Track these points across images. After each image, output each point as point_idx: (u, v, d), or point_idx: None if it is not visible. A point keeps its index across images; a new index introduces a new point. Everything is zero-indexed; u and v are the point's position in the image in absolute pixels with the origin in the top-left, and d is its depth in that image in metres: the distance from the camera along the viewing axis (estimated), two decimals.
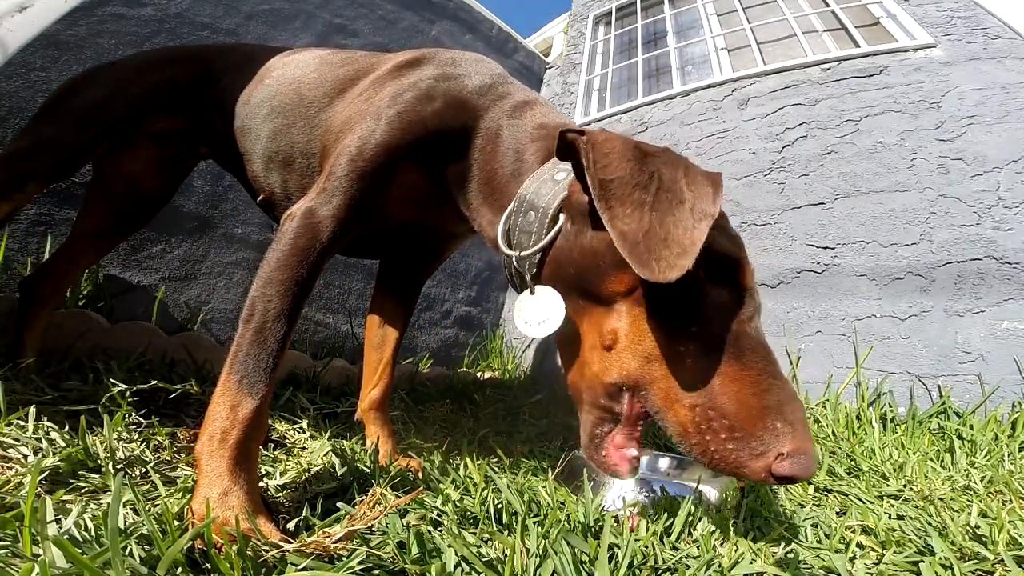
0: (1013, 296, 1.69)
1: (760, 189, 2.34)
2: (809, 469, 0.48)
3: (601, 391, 0.59)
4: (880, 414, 1.63)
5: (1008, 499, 0.93)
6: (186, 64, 1.14)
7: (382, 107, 0.82)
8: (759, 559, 0.64)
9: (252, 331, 0.65)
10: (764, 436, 0.49)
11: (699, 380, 0.52)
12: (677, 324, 0.54)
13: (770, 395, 0.51)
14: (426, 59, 0.93)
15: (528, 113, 0.83)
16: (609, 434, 0.59)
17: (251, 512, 0.55)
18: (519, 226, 0.70)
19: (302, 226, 0.72)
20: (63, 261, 1.20)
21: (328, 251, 0.73)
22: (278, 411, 1.16)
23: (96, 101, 1.04)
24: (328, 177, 0.77)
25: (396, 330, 1.14)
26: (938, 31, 2.37)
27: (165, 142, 1.18)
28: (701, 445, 0.51)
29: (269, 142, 1.03)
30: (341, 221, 0.74)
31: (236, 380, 0.63)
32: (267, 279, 0.68)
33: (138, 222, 1.31)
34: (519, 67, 3.68)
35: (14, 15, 1.47)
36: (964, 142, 2.00)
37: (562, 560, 0.54)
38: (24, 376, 0.97)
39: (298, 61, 1.11)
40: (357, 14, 2.58)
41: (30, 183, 0.97)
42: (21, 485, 0.59)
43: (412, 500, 0.68)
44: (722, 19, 3.33)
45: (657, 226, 0.50)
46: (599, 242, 0.60)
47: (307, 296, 0.71)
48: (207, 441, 0.60)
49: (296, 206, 0.76)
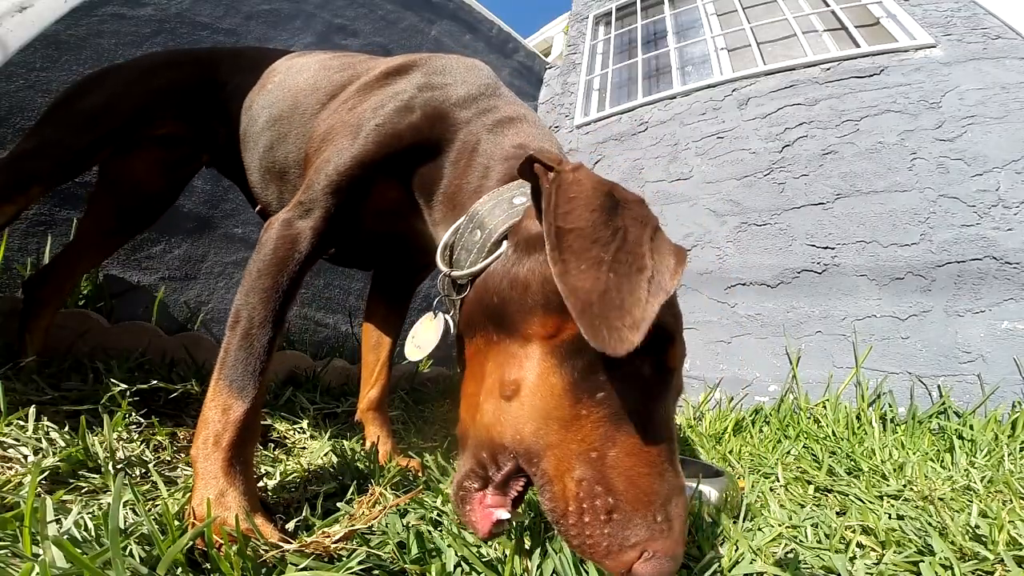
0: (1013, 296, 1.69)
1: (760, 189, 2.34)
2: (669, 574, 0.44)
3: (486, 447, 0.52)
4: (880, 414, 1.63)
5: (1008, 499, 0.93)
6: (191, 68, 1.13)
7: (363, 119, 0.81)
8: (759, 559, 0.64)
9: (239, 337, 0.66)
10: (641, 527, 0.44)
11: (594, 451, 0.47)
12: (587, 386, 0.49)
13: (662, 482, 0.47)
14: (414, 66, 0.91)
15: (510, 130, 0.81)
16: (480, 491, 0.52)
17: (249, 512, 0.55)
18: (463, 243, 0.67)
19: (281, 237, 0.73)
20: (66, 262, 1.20)
21: (308, 261, 0.74)
22: (278, 411, 1.16)
23: (100, 105, 1.04)
24: (307, 189, 0.78)
25: (391, 332, 1.15)
26: (938, 31, 2.37)
27: (170, 146, 1.18)
28: (577, 527, 0.46)
29: (267, 152, 1.02)
30: (319, 233, 0.75)
31: (226, 385, 0.64)
32: (250, 287, 0.70)
33: (142, 224, 1.31)
34: (519, 67, 3.68)
35: (14, 15, 1.47)
36: (964, 142, 2.00)
37: (562, 560, 0.54)
38: (24, 376, 0.97)
39: (300, 66, 1.10)
40: (357, 14, 2.58)
41: (33, 185, 0.97)
42: (21, 485, 0.59)
43: (412, 500, 0.68)
44: (722, 19, 3.33)
45: (614, 291, 0.45)
46: (533, 277, 0.55)
47: (291, 302, 0.72)
48: (201, 445, 0.60)
49: (275, 216, 0.77)
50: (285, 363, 1.56)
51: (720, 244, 2.34)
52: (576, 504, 0.46)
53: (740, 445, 1.48)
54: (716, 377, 2.12)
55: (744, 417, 1.76)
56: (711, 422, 1.78)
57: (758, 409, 1.84)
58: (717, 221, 2.40)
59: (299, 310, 2.03)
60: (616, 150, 3.02)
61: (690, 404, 2.02)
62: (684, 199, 2.55)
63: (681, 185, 2.60)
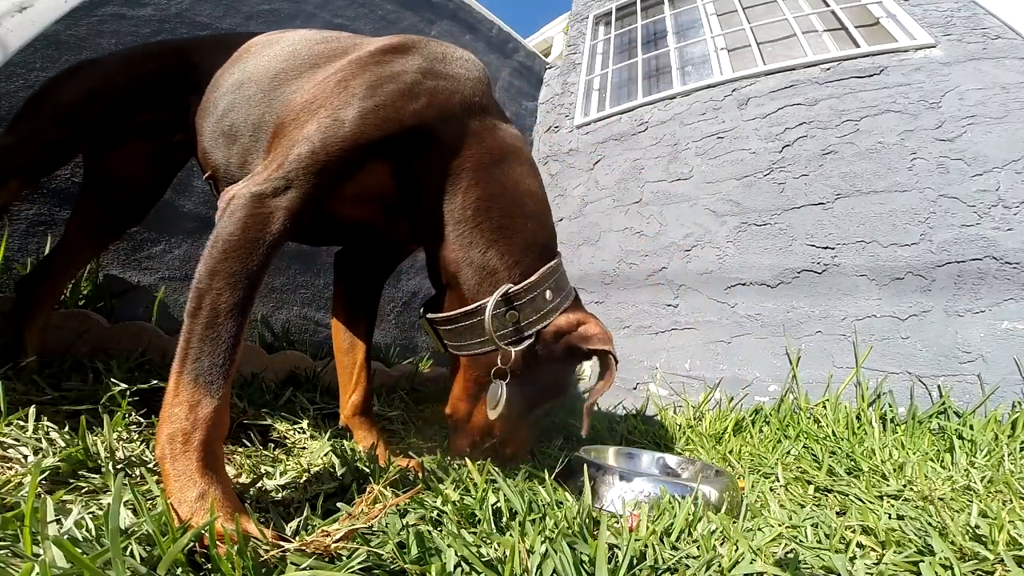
0: (1013, 296, 1.69)
1: (760, 189, 2.34)
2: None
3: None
4: (880, 414, 1.63)
5: (1008, 499, 0.93)
6: (167, 57, 1.12)
7: (356, 96, 0.75)
8: (759, 559, 0.64)
9: (202, 326, 0.61)
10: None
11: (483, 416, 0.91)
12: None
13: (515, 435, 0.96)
14: (413, 47, 0.86)
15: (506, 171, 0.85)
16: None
17: (236, 512, 0.54)
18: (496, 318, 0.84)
19: (251, 215, 0.66)
20: (59, 260, 1.20)
21: (279, 243, 0.68)
22: (278, 411, 1.16)
23: (76, 97, 1.03)
24: (284, 164, 0.70)
25: (364, 332, 1.10)
26: (938, 31, 2.37)
27: (153, 136, 1.17)
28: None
29: (223, 115, 0.97)
30: (295, 214, 0.68)
31: (191, 379, 0.59)
32: (213, 269, 0.63)
33: (131, 219, 1.29)
34: (519, 67, 3.68)
35: (14, 15, 1.47)
36: (964, 142, 2.00)
37: (562, 560, 0.54)
38: (24, 376, 0.97)
39: (278, 38, 1.07)
40: (357, 14, 2.58)
41: (12, 180, 0.97)
42: (21, 485, 0.59)
43: (412, 499, 0.68)
44: (722, 19, 3.32)
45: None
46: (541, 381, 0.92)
47: (259, 287, 0.66)
48: (167, 443, 0.56)
49: (241, 187, 0.69)
50: (285, 363, 1.56)
51: (720, 244, 2.34)
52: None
53: (740, 445, 1.48)
54: (716, 377, 2.12)
55: (744, 417, 1.76)
56: (711, 422, 1.78)
57: (758, 409, 1.84)
58: (717, 221, 2.40)
59: (299, 310, 2.03)
60: (616, 150, 3.02)
61: (690, 404, 2.02)
62: (684, 199, 2.54)
63: (681, 185, 2.60)
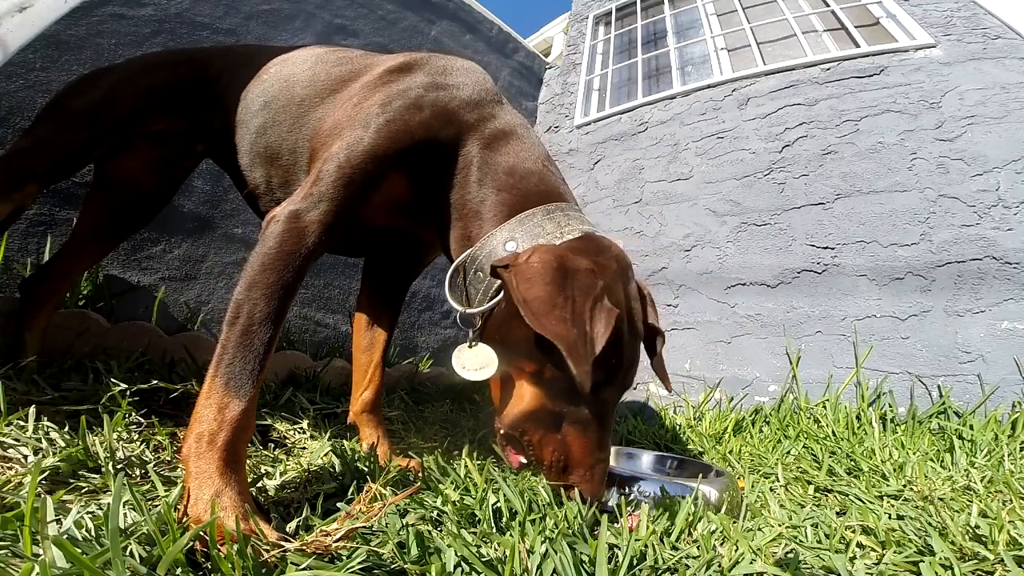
0: (1013, 296, 1.69)
1: (760, 189, 2.34)
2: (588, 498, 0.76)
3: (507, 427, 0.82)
4: (880, 414, 1.63)
5: (1008, 499, 0.93)
6: (183, 67, 1.15)
7: (371, 114, 0.83)
8: (759, 559, 0.64)
9: (237, 334, 0.65)
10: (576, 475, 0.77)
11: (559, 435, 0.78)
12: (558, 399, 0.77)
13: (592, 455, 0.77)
14: (417, 65, 0.93)
15: (503, 148, 0.88)
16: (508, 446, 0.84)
17: (247, 513, 0.55)
18: (469, 282, 0.82)
19: (288, 230, 0.72)
20: (64, 262, 1.20)
21: (313, 255, 0.74)
22: (278, 411, 1.16)
23: (94, 103, 1.05)
24: (315, 182, 0.77)
25: (384, 332, 1.14)
26: (938, 31, 2.37)
27: (164, 142, 1.19)
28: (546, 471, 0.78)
29: (258, 136, 1.04)
30: (327, 226, 0.75)
31: (223, 382, 0.62)
32: (252, 282, 0.68)
33: (138, 222, 1.31)
34: (519, 67, 3.68)
35: (14, 15, 1.47)
36: (964, 142, 2.00)
37: (562, 560, 0.54)
38: (24, 376, 0.97)
39: (296, 58, 1.12)
40: (357, 14, 2.58)
41: (28, 183, 0.98)
42: (21, 485, 0.59)
43: (411, 499, 0.68)
44: (722, 19, 3.33)
45: (580, 340, 0.68)
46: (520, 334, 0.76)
47: (292, 299, 0.71)
48: (195, 443, 0.59)
49: (280, 208, 0.76)
50: (285, 363, 1.56)
51: (720, 244, 2.34)
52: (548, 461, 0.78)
53: (740, 445, 1.48)
54: (716, 377, 2.11)
55: (744, 417, 1.76)
56: (711, 422, 1.78)
57: (758, 409, 1.84)
58: (717, 221, 2.40)
59: (299, 310, 2.03)
60: (616, 150, 3.02)
61: (690, 404, 2.02)
62: (684, 199, 2.54)
63: (681, 185, 2.60)
